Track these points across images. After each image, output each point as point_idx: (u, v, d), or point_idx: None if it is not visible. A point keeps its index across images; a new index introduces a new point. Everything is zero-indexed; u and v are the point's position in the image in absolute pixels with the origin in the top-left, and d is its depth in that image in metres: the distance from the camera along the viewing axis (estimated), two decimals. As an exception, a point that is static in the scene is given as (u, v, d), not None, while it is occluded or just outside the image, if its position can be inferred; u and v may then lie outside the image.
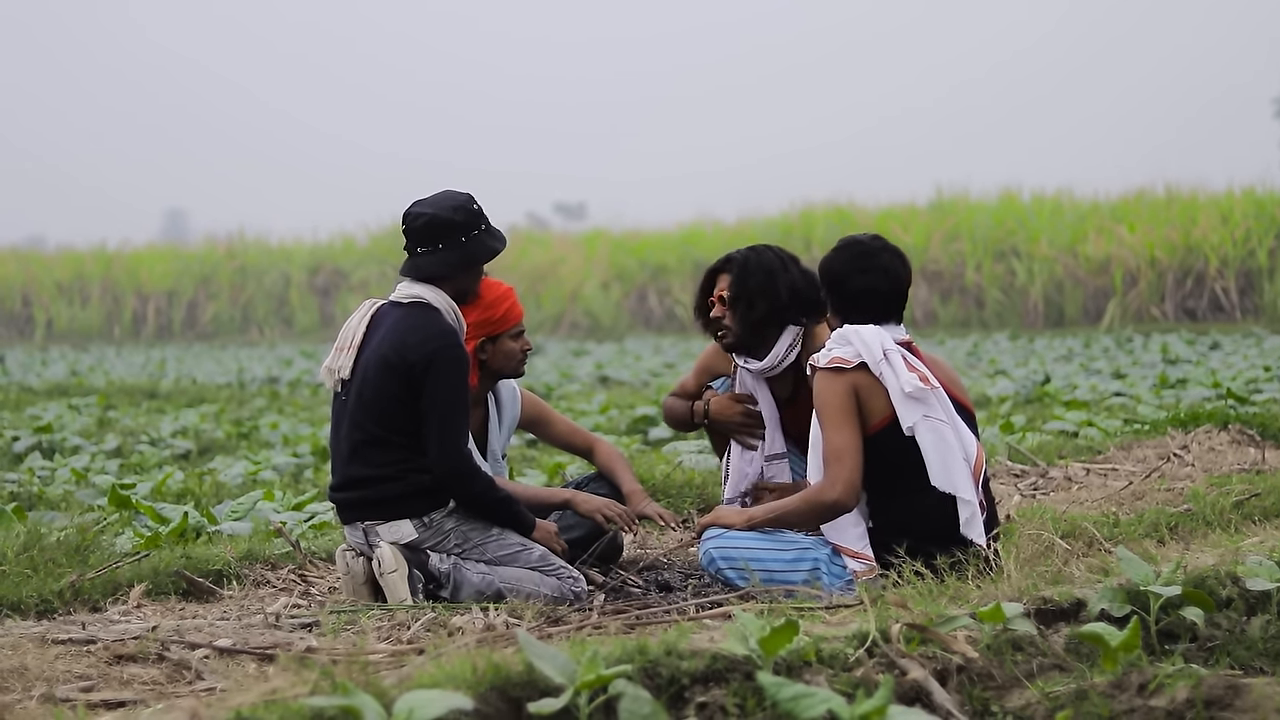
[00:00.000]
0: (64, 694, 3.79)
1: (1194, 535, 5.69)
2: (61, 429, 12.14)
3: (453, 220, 5.19)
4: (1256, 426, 8.20)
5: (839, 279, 5.08)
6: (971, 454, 4.92)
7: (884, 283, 5.04)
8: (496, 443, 5.71)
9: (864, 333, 4.94)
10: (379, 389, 5.10)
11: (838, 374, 4.90)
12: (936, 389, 4.91)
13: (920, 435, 4.86)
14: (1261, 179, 29.65)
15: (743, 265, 5.58)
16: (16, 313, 38.02)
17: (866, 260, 5.05)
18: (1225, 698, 3.32)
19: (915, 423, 4.86)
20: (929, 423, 4.87)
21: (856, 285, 5.04)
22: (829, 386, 4.90)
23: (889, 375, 4.88)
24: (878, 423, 4.90)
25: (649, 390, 15.74)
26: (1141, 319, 28.19)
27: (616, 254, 34.01)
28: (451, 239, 5.20)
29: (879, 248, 5.10)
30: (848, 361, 4.89)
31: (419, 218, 5.20)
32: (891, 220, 31.26)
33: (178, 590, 5.39)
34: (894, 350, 4.92)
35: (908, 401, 4.86)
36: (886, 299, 5.05)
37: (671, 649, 3.40)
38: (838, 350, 4.94)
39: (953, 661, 3.58)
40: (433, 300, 5.19)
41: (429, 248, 5.21)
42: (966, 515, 4.86)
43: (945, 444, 4.87)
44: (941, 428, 4.88)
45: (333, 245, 37.26)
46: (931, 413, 4.88)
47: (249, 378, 19.60)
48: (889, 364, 4.89)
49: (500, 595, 5.13)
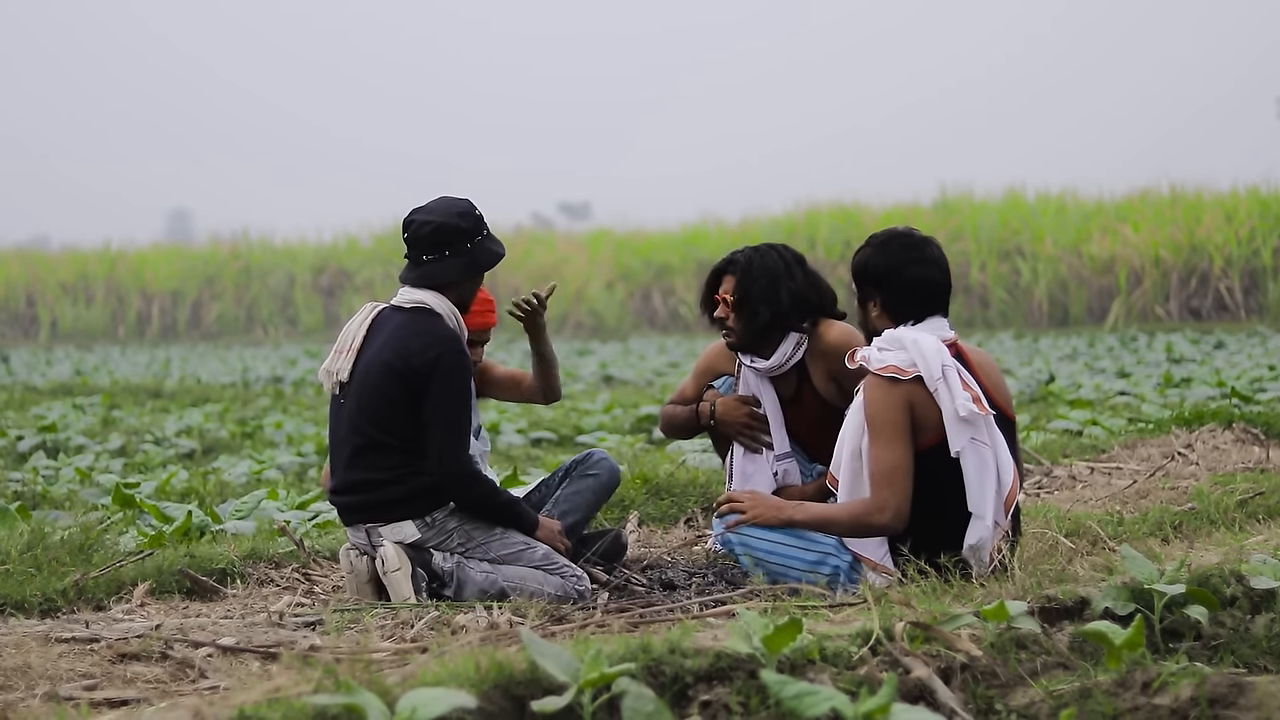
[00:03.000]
0: (67, 692, 3.79)
1: (1198, 534, 5.69)
2: (66, 428, 12.14)
3: (459, 227, 5.20)
4: (1261, 425, 8.19)
5: (889, 272, 4.81)
6: (1007, 483, 4.71)
7: (937, 273, 4.82)
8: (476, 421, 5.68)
9: (923, 345, 4.68)
10: (380, 393, 5.10)
11: (893, 384, 4.67)
12: (988, 415, 4.69)
13: (965, 459, 4.67)
14: (1266, 178, 29.70)
15: (746, 270, 5.54)
16: (21, 312, 38.06)
17: (917, 251, 4.82)
18: (1229, 696, 3.31)
19: (964, 447, 4.66)
20: (974, 445, 4.67)
21: (911, 276, 4.79)
22: (883, 398, 4.67)
23: (944, 396, 4.65)
24: (926, 441, 4.70)
25: (653, 390, 15.74)
26: (1146, 318, 28.18)
27: (621, 254, 34.03)
28: (458, 245, 5.21)
29: (924, 239, 4.88)
30: (904, 372, 4.66)
31: (425, 225, 5.20)
32: (895, 220, 31.23)
33: (181, 589, 5.39)
34: (951, 366, 4.69)
35: (960, 424, 4.65)
36: (942, 290, 4.83)
37: (675, 647, 3.40)
38: (893, 357, 4.70)
39: (957, 660, 3.57)
40: (435, 306, 5.20)
41: (436, 255, 5.21)
42: (975, 539, 4.67)
43: (986, 469, 4.68)
44: (984, 451, 4.68)
45: (337, 245, 37.29)
46: (978, 435, 4.68)
47: (253, 377, 19.61)
48: (946, 383, 4.66)
49: (504, 594, 5.12)
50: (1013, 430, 4.86)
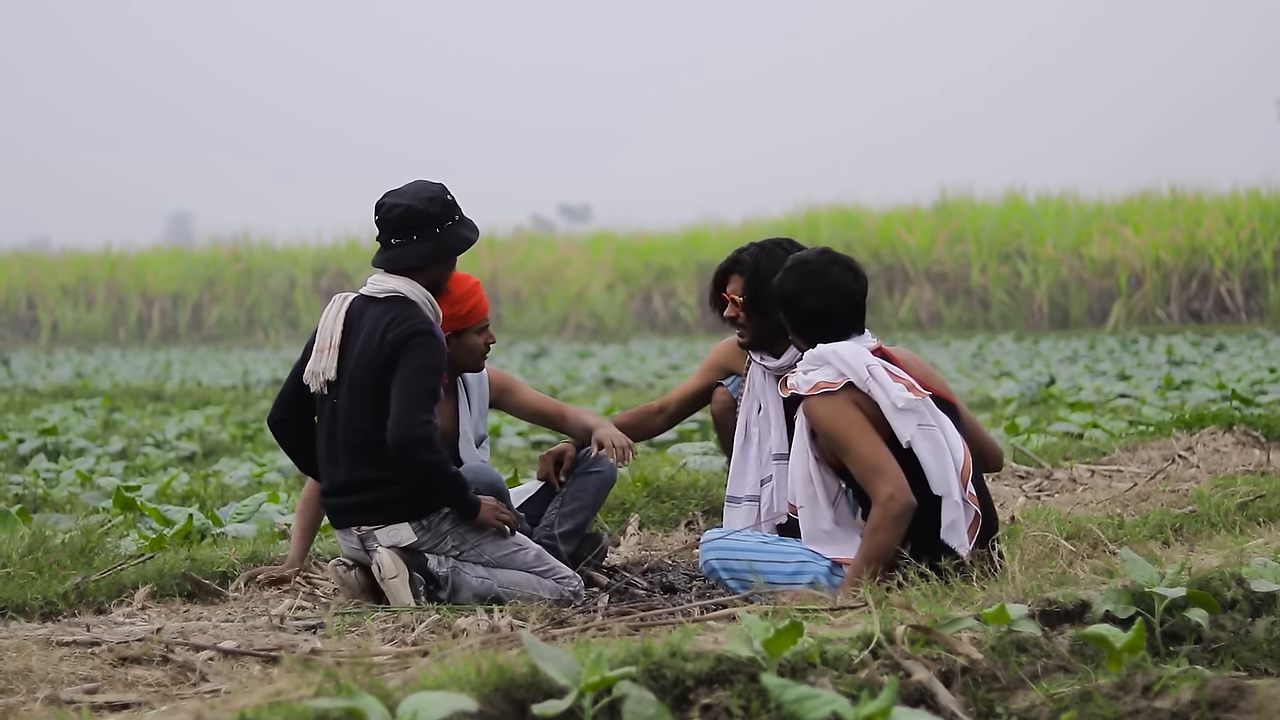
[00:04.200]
0: (68, 696, 3.79)
1: (1199, 537, 5.69)
2: (66, 431, 12.15)
3: (428, 211, 5.16)
4: (1261, 428, 8.19)
5: (791, 300, 4.98)
6: (959, 458, 4.84)
7: (836, 299, 4.94)
8: (469, 426, 5.66)
9: (842, 352, 4.83)
10: (370, 390, 5.07)
11: (829, 397, 4.80)
12: (925, 396, 4.83)
13: (918, 446, 4.77)
14: (1266, 180, 29.67)
15: (753, 270, 5.54)
16: (21, 315, 38.06)
17: (816, 279, 4.94)
18: (1230, 699, 3.31)
19: (912, 435, 4.77)
20: (924, 431, 4.79)
21: (810, 305, 4.94)
22: (828, 410, 4.79)
23: (878, 391, 4.78)
24: None
25: (654, 392, 15.74)
26: (1146, 320, 28.18)
27: (621, 256, 34.02)
28: (426, 230, 5.17)
29: (828, 263, 4.98)
30: (833, 384, 4.80)
31: (394, 208, 5.18)
32: (896, 222, 31.28)
33: (182, 592, 5.39)
34: (875, 364, 4.83)
35: (901, 415, 4.77)
36: (843, 316, 4.95)
37: (676, 651, 3.40)
38: (818, 374, 4.84)
39: (957, 663, 3.58)
40: (408, 293, 5.16)
41: (403, 239, 5.19)
42: (949, 520, 4.77)
43: (940, 450, 4.80)
44: (934, 434, 4.80)
45: (337, 247, 37.29)
46: (924, 420, 4.80)
47: (254, 380, 19.60)
48: (875, 380, 4.79)
49: (499, 598, 5.12)
50: (955, 412, 4.96)
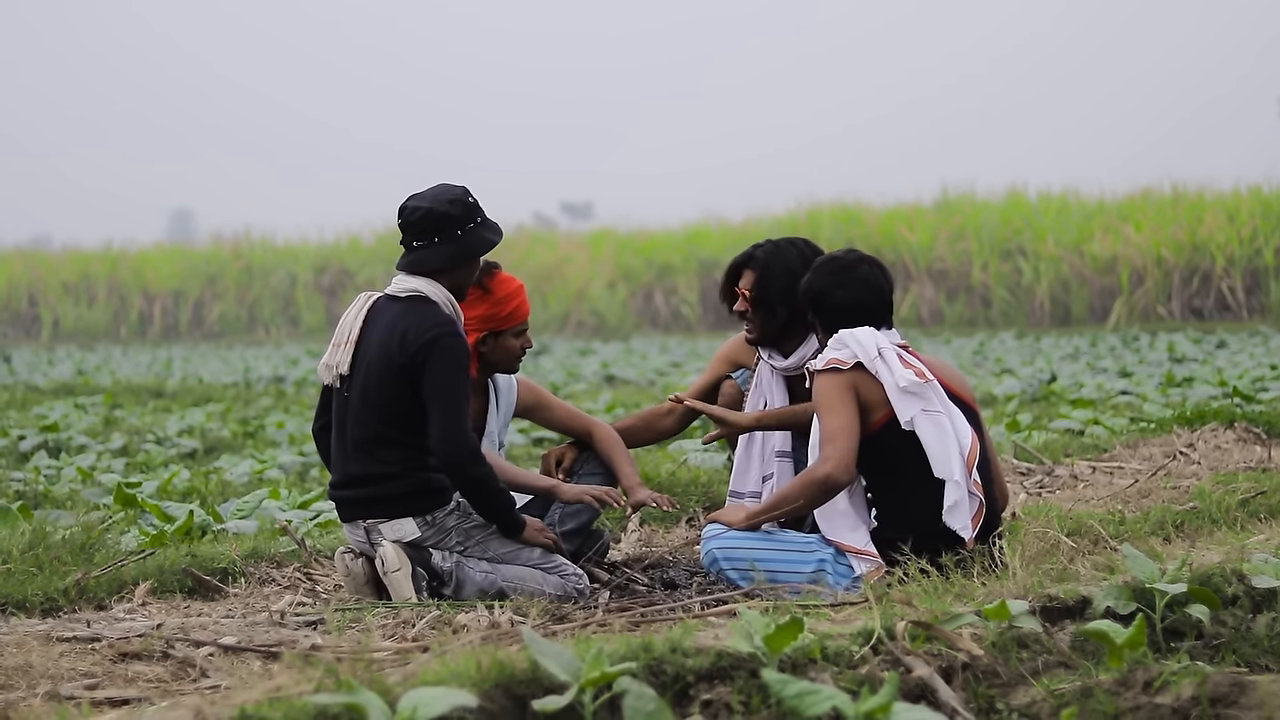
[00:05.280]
0: (68, 692, 3.79)
1: (1200, 533, 5.69)
2: (67, 428, 12.15)
3: (449, 213, 5.18)
4: (1262, 425, 8.19)
5: (821, 296, 5.12)
6: (966, 444, 4.93)
7: (867, 294, 5.09)
8: (495, 428, 5.70)
9: (859, 334, 4.98)
10: (382, 386, 5.09)
11: (836, 374, 4.94)
12: (932, 382, 4.93)
13: (920, 427, 4.87)
14: (1267, 177, 29.68)
15: (766, 267, 5.56)
16: (23, 312, 38.08)
17: (846, 274, 5.11)
18: (1230, 695, 3.31)
19: (914, 416, 4.88)
20: (927, 415, 4.89)
21: (840, 300, 5.09)
22: (827, 384, 4.94)
23: (884, 372, 4.91)
24: (878, 419, 4.92)
25: (655, 389, 15.73)
26: (1148, 318, 28.18)
27: (622, 254, 34.02)
28: (448, 232, 5.19)
29: (856, 260, 5.16)
30: (844, 363, 4.93)
31: (415, 211, 5.20)
32: (897, 219, 31.28)
33: (183, 588, 5.39)
34: (889, 348, 4.97)
35: (904, 396, 4.89)
36: (872, 310, 5.09)
37: (676, 646, 3.40)
38: (833, 353, 4.98)
39: (958, 659, 3.58)
40: (430, 293, 5.18)
41: (425, 241, 5.21)
42: (951, 501, 4.86)
43: (944, 434, 4.89)
44: (940, 419, 4.90)
45: (339, 245, 37.30)
46: (929, 406, 4.90)
47: (255, 377, 19.61)
48: (884, 361, 4.93)
49: (503, 594, 5.12)
50: (977, 420, 5.07)
